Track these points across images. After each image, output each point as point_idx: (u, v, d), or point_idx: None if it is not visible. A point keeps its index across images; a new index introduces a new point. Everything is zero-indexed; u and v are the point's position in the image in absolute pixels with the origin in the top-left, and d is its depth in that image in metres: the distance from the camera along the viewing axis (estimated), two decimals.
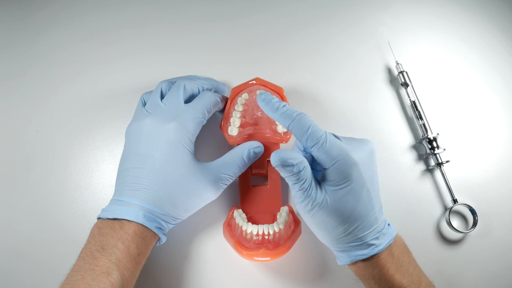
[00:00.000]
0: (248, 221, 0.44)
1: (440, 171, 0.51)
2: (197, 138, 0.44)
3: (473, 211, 0.50)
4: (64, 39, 0.56)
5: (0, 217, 0.49)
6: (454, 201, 0.50)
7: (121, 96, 0.53)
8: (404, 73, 0.53)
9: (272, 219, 0.47)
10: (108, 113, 0.53)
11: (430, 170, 0.52)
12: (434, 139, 0.51)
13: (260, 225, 0.43)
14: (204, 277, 0.47)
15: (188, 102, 0.44)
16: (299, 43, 0.56)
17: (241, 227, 0.44)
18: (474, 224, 0.50)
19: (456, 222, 0.51)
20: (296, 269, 0.48)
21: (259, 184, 0.49)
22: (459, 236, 0.50)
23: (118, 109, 0.53)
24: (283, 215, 0.44)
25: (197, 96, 0.46)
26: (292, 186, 0.38)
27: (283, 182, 0.50)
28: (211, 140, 0.51)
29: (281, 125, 0.41)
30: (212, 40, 0.56)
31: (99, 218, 0.40)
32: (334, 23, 0.58)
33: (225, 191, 0.46)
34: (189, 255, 0.48)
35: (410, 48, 0.57)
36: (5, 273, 0.48)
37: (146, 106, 0.44)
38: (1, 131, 0.52)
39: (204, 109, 0.44)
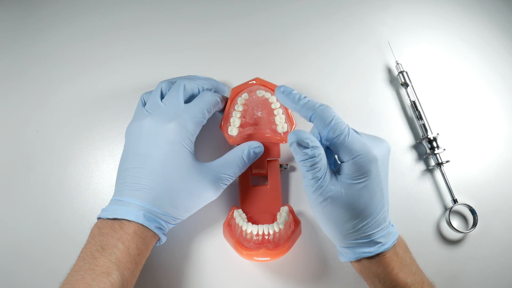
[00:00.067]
0: (248, 221, 0.44)
1: (440, 171, 0.51)
2: (197, 138, 0.44)
3: (473, 211, 0.50)
4: (64, 39, 0.56)
5: (0, 217, 0.49)
6: (454, 201, 0.50)
7: (121, 96, 0.53)
8: (404, 73, 0.53)
9: (272, 219, 0.47)
10: (108, 113, 0.53)
11: (430, 170, 0.52)
12: (434, 139, 0.51)
13: (260, 225, 0.43)
14: (204, 277, 0.47)
15: (188, 102, 0.44)
16: (299, 43, 0.56)
17: (241, 227, 0.44)
18: (474, 224, 0.50)
19: (456, 222, 0.51)
20: (296, 269, 0.48)
21: (259, 184, 0.49)
22: (459, 236, 0.50)
23: (118, 109, 0.53)
24: (283, 215, 0.44)
25: (197, 96, 0.46)
26: (304, 175, 0.38)
27: (283, 182, 0.50)
28: (211, 140, 0.51)
29: (302, 117, 0.40)
30: (212, 40, 0.56)
31: (99, 218, 0.41)
32: (334, 23, 0.58)
33: (225, 191, 0.46)
34: (189, 255, 0.48)
35: (410, 48, 0.57)
36: (5, 273, 0.48)
37: (146, 106, 0.44)
38: (1, 131, 0.52)
39: (204, 109, 0.44)
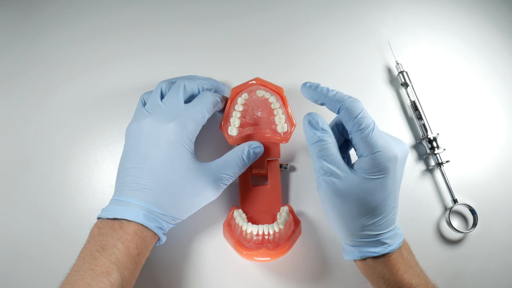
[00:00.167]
0: (248, 221, 0.44)
1: (440, 171, 0.51)
2: (197, 138, 0.44)
3: (473, 211, 0.50)
4: (64, 39, 0.56)
5: (0, 217, 0.49)
6: (454, 201, 0.50)
7: (121, 96, 0.53)
8: (404, 73, 0.53)
9: (272, 219, 0.47)
10: (108, 113, 0.53)
11: (430, 170, 0.52)
12: (434, 139, 0.51)
13: (260, 225, 0.43)
14: (204, 277, 0.47)
15: (188, 102, 0.44)
16: (299, 43, 0.56)
17: (241, 227, 0.44)
18: (474, 224, 0.50)
19: (456, 222, 0.51)
20: (296, 269, 0.48)
21: (259, 184, 0.49)
22: (459, 236, 0.50)
23: (118, 109, 0.53)
24: (283, 215, 0.44)
25: (197, 96, 0.46)
26: (314, 160, 0.39)
27: (283, 182, 0.50)
28: (211, 140, 0.51)
29: (330, 109, 0.41)
30: (212, 40, 0.56)
31: (99, 218, 0.40)
32: (334, 23, 0.58)
33: (225, 191, 0.46)
34: (189, 255, 0.48)
35: (410, 48, 0.57)
36: (5, 273, 0.48)
37: (146, 106, 0.44)
38: (1, 131, 0.52)
39: (204, 109, 0.44)
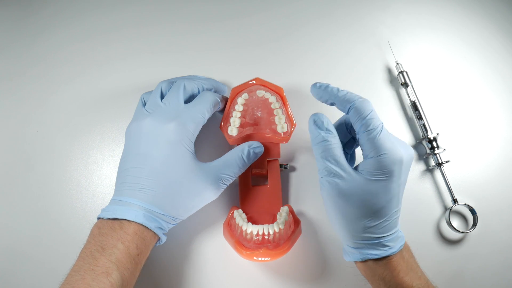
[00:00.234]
0: (248, 221, 0.44)
1: (440, 171, 0.51)
2: (197, 138, 0.44)
3: (473, 211, 0.50)
4: (64, 39, 0.56)
5: (0, 217, 0.49)
6: (454, 201, 0.50)
7: (121, 96, 0.53)
8: (404, 73, 0.53)
9: (272, 219, 0.47)
10: (108, 113, 0.53)
11: (430, 170, 0.52)
12: (434, 139, 0.51)
13: (260, 225, 0.43)
14: (204, 277, 0.47)
15: (188, 102, 0.44)
16: (299, 43, 0.56)
17: (241, 227, 0.44)
18: (474, 224, 0.50)
19: (456, 222, 0.51)
20: (296, 269, 0.48)
21: (259, 184, 0.49)
22: (459, 236, 0.50)
23: (118, 109, 0.53)
24: (283, 215, 0.44)
25: (197, 96, 0.46)
26: (318, 161, 0.39)
27: (283, 182, 0.50)
28: (211, 140, 0.51)
29: (339, 109, 0.41)
30: (212, 40, 0.56)
31: (99, 218, 0.40)
32: (334, 23, 0.58)
33: (225, 191, 0.46)
34: (189, 255, 0.48)
35: (410, 48, 0.57)
36: (5, 273, 0.48)
37: (146, 106, 0.44)
38: (1, 131, 0.52)
39: (204, 109, 0.44)
